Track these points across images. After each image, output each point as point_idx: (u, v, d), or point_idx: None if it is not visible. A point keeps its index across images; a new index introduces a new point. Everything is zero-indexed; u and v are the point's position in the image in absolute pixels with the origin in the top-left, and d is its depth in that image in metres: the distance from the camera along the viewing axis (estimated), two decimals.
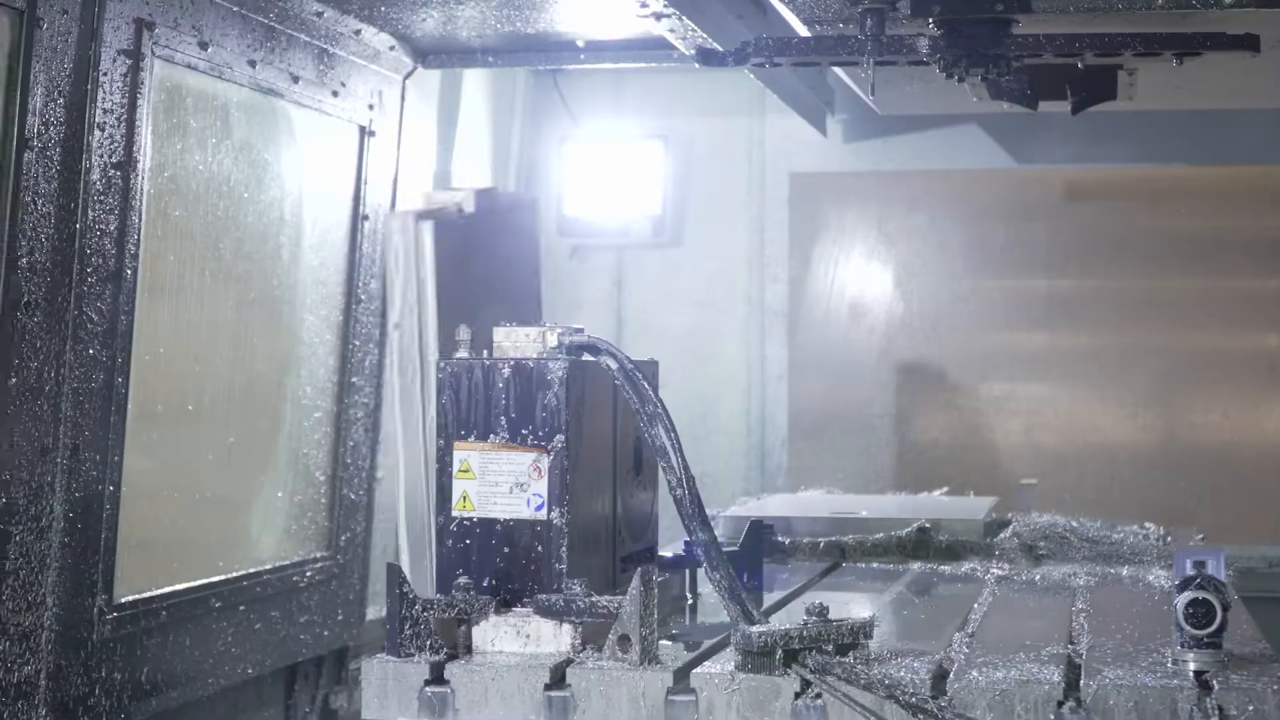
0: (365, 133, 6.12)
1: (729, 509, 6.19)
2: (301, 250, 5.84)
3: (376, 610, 6.87)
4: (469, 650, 3.88)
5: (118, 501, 4.76)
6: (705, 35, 5.42)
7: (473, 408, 3.99)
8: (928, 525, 5.72)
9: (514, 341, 4.09)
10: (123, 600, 4.83)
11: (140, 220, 4.75)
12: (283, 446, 5.83)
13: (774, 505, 6.56)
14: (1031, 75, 5.46)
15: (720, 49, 5.44)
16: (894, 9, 4.81)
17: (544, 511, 3.94)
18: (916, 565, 5.54)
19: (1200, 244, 8.33)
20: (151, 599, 4.98)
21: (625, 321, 8.61)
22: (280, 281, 5.73)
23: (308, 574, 5.89)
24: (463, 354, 4.04)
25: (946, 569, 5.48)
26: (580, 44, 6.36)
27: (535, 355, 4.02)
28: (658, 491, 4.58)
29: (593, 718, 3.70)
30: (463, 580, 3.89)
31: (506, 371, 3.98)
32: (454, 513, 3.99)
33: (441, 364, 4.03)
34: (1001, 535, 5.77)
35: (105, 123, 4.56)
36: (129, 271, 4.71)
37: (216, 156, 5.26)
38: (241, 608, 5.47)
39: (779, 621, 3.81)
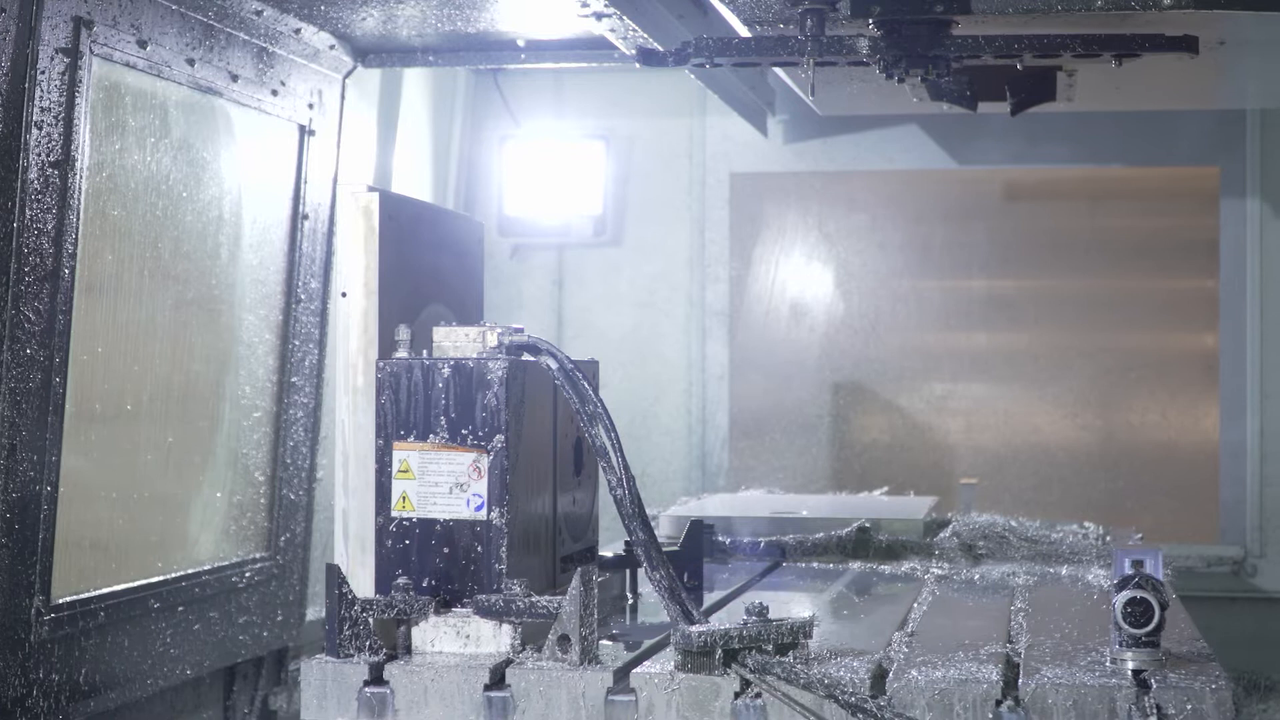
0: (305, 132, 6.10)
1: (670, 509, 6.21)
2: (241, 249, 5.81)
3: (316, 611, 6.85)
4: (408, 651, 3.88)
5: (55, 502, 4.72)
6: (646, 35, 5.42)
7: (412, 408, 3.98)
8: (868, 525, 5.74)
9: (454, 341, 4.08)
10: (60, 601, 4.79)
11: (78, 219, 4.72)
12: (222, 446, 5.80)
13: (714, 505, 6.57)
14: (971, 76, 5.49)
15: (661, 49, 5.45)
16: (834, 10, 4.83)
17: (484, 512, 3.94)
18: (856, 565, 5.56)
19: (1139, 244, 8.38)
20: (89, 600, 4.95)
21: (566, 321, 8.61)
22: (219, 281, 5.70)
23: (247, 574, 5.87)
24: (402, 354, 4.03)
25: (886, 569, 5.50)
26: (521, 44, 6.35)
27: (475, 355, 4.02)
28: (598, 491, 4.58)
29: (532, 718, 3.70)
30: (402, 581, 3.89)
31: (446, 371, 3.97)
32: (393, 513, 3.98)
33: (381, 364, 4.01)
34: (941, 535, 5.79)
35: (43, 121, 4.53)
36: (66, 271, 4.68)
37: (155, 155, 5.23)
38: (180, 608, 5.45)
39: (719, 621, 3.82)
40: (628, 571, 4.73)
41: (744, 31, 5.42)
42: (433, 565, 3.94)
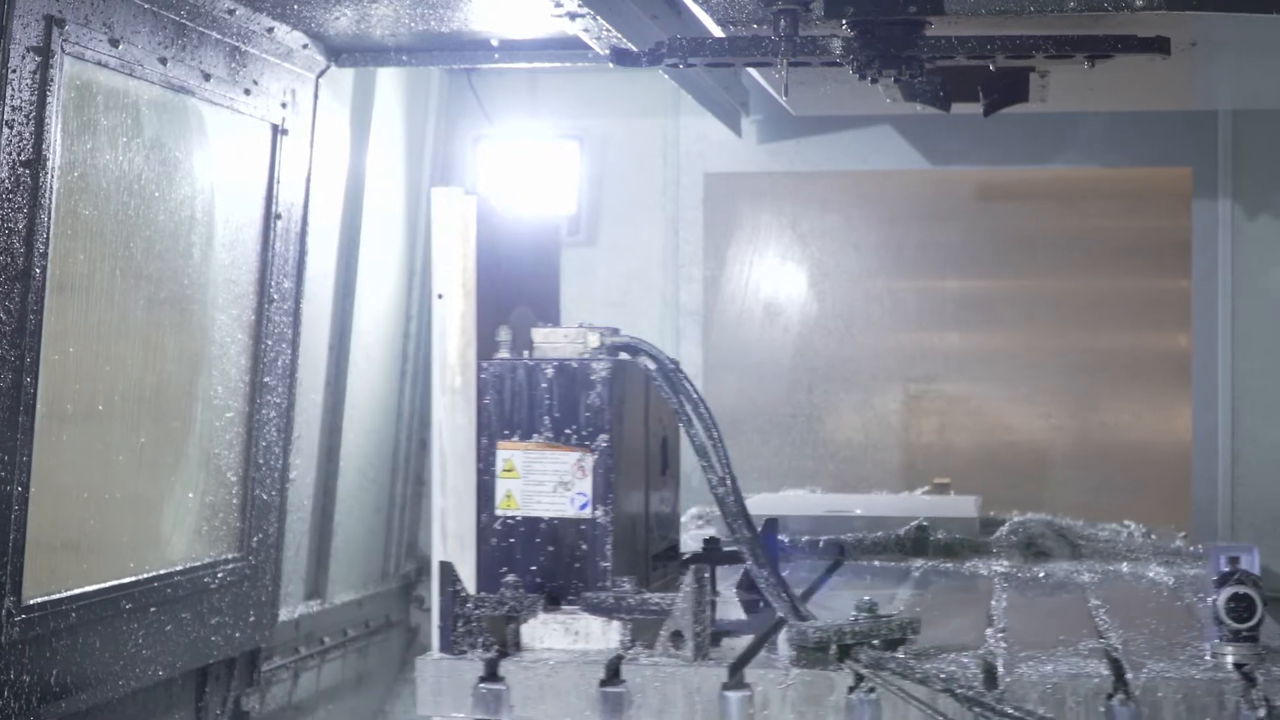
0: (278, 131, 6.09)
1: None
2: (213, 249, 5.80)
3: (289, 612, 6.84)
4: (518, 647, 3.98)
5: (26, 502, 4.70)
6: (619, 35, 5.42)
7: (516, 408, 4.06)
8: (926, 524, 5.79)
9: (552, 342, 4.17)
10: (31, 602, 4.77)
11: (49, 219, 4.70)
12: (194, 447, 5.79)
13: (764, 504, 6.58)
14: (944, 77, 5.49)
15: (635, 49, 5.45)
16: (807, 10, 4.83)
17: (588, 510, 4.03)
18: (918, 563, 5.61)
19: (1111, 245, 8.40)
20: (61, 600, 4.93)
21: None
22: (191, 280, 5.69)
23: (219, 575, 5.85)
24: (504, 354, 4.08)
25: (949, 566, 5.55)
26: (495, 43, 6.34)
27: (576, 355, 4.08)
28: (679, 490, 4.69)
29: (647, 713, 3.79)
30: (511, 578, 3.95)
31: (550, 372, 4.05)
32: (498, 511, 4.05)
33: (484, 365, 4.08)
34: (998, 534, 5.85)
35: (14, 120, 4.51)
36: (38, 270, 4.67)
37: (127, 155, 5.21)
38: (152, 609, 5.43)
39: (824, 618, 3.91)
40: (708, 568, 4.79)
41: (718, 32, 5.42)
42: (537, 563, 4.04)
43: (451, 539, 4.12)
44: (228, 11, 5.51)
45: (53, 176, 4.71)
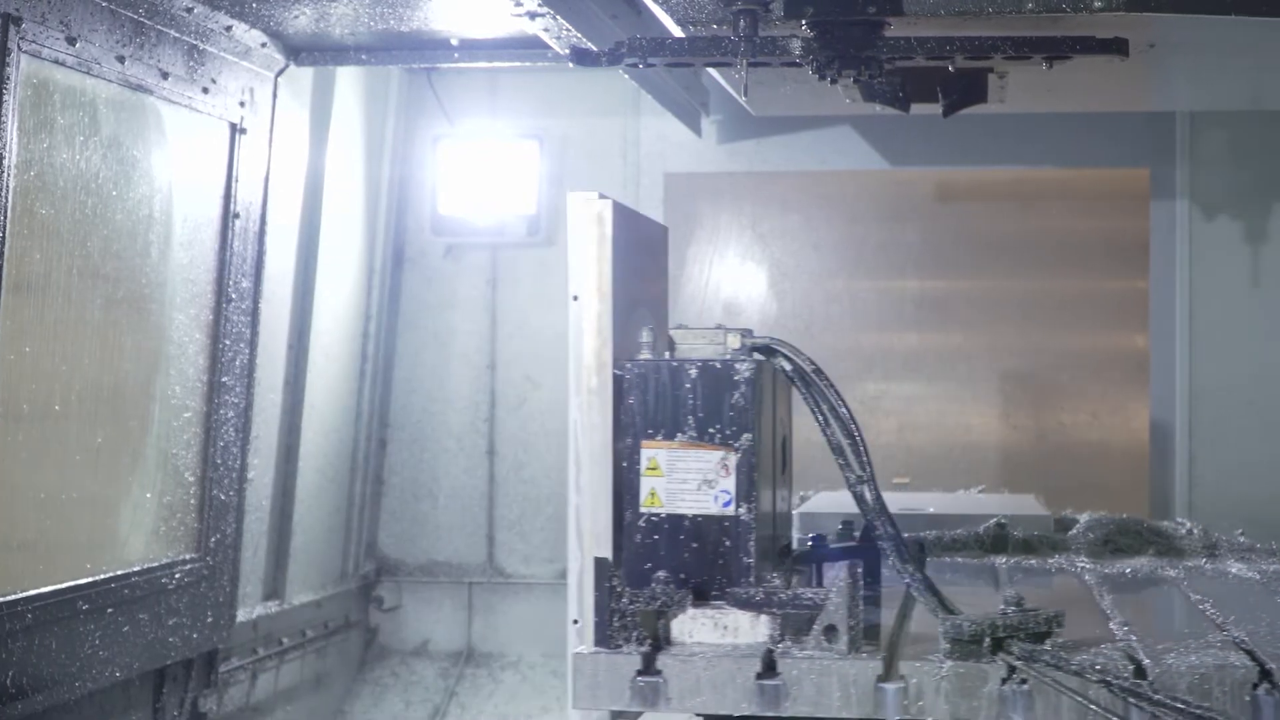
0: (236, 130, 6.07)
1: (799, 506, 6.28)
2: (171, 248, 5.78)
3: (247, 612, 6.82)
4: (668, 641, 4.01)
5: None
6: (579, 35, 5.42)
7: (660, 407, 4.12)
8: (1005, 521, 5.84)
9: (690, 343, 4.24)
10: None
11: (5, 218, 4.68)
12: (151, 447, 5.77)
13: (826, 502, 6.60)
14: (904, 77, 5.50)
15: (594, 49, 5.44)
16: (767, 10, 4.83)
17: (731, 507, 4.09)
18: (1000, 559, 5.65)
19: (1070, 245, 8.42)
20: (16, 601, 4.91)
21: (499, 321, 8.59)
22: (149, 280, 5.67)
23: (177, 576, 5.83)
24: (646, 355, 4.14)
25: (1032, 562, 5.59)
26: (454, 43, 6.34)
27: (717, 356, 4.16)
28: (792, 488, 4.84)
29: (803, 705, 3.82)
30: (662, 574, 4.03)
31: (694, 372, 4.12)
32: (642, 509, 4.10)
33: (629, 365, 4.14)
34: (1073, 531, 5.89)
35: None
36: None
37: (84, 153, 5.19)
38: (109, 610, 5.41)
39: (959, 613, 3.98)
40: (813, 566, 4.83)
41: (678, 32, 5.42)
42: (680, 559, 4.09)
43: (588, 536, 4.18)
44: (186, 10, 5.49)
45: (8, 175, 4.69)
